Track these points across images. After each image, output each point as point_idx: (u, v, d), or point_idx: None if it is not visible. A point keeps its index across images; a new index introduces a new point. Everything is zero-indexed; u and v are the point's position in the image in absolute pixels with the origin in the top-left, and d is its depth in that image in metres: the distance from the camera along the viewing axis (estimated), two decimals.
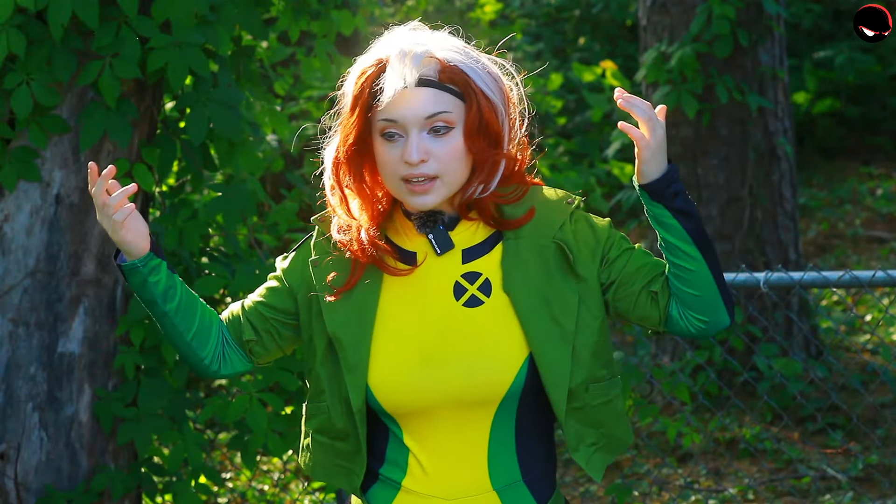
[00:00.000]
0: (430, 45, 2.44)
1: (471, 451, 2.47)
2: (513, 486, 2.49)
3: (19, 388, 4.12)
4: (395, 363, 2.45)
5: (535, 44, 10.47)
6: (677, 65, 6.56)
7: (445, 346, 2.44)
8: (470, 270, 2.47)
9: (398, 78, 2.40)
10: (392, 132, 2.42)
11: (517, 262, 2.47)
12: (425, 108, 2.41)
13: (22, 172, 4.06)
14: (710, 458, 6.04)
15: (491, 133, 2.45)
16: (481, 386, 2.43)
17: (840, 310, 7.65)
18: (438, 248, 2.47)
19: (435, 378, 2.43)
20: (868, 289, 4.45)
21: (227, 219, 4.19)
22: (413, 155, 2.40)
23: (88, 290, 4.14)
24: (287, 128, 5.47)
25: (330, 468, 2.55)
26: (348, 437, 2.50)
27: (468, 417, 2.46)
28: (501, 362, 2.43)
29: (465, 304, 2.46)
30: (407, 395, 2.45)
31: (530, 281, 2.46)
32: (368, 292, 2.48)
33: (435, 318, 2.45)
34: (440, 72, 2.42)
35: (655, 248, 2.58)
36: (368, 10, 8.57)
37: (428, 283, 2.47)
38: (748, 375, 5.48)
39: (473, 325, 2.44)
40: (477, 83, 2.44)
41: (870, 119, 10.21)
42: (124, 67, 3.91)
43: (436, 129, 2.42)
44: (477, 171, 2.46)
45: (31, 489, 4.12)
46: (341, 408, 2.49)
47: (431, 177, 2.41)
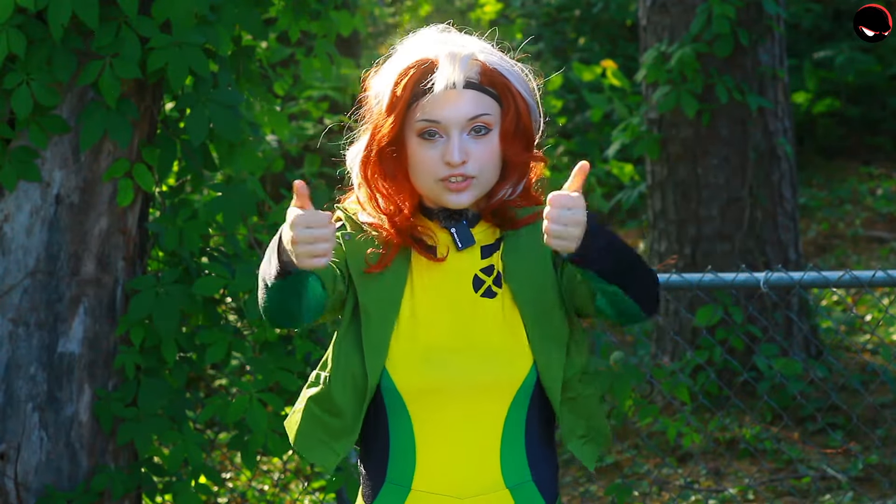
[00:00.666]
0: (472, 47, 2.48)
1: (484, 444, 2.48)
2: (524, 486, 2.50)
3: (19, 388, 4.12)
4: (416, 346, 2.47)
5: (535, 44, 10.47)
6: (677, 65, 6.56)
7: (466, 333, 2.47)
8: (487, 265, 2.51)
9: (448, 79, 2.43)
10: (433, 132, 2.45)
11: (517, 255, 2.51)
12: (469, 110, 2.44)
13: (22, 172, 4.06)
14: (710, 458, 6.04)
15: (526, 135, 2.50)
16: (499, 372, 2.46)
17: (840, 310, 7.65)
18: (460, 243, 2.50)
19: (455, 362, 2.46)
20: (868, 289, 4.45)
21: (227, 219, 4.19)
22: (456, 156, 2.43)
23: (88, 290, 4.14)
24: (287, 128, 5.48)
25: (312, 441, 2.52)
26: (343, 414, 2.49)
27: (482, 409, 2.47)
28: (518, 353, 2.47)
29: (483, 294, 2.50)
30: (425, 376, 2.46)
31: (529, 272, 2.50)
32: (397, 276, 2.50)
33: (457, 308, 2.49)
34: (481, 74, 2.47)
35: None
36: (368, 10, 8.57)
37: (450, 276, 2.51)
38: (748, 375, 5.48)
39: (492, 315, 2.49)
40: (514, 85, 2.49)
41: (870, 119, 10.21)
42: (124, 67, 3.91)
43: (476, 130, 2.45)
44: (510, 173, 2.50)
45: (31, 489, 4.12)
46: (346, 384, 2.48)
47: (469, 176, 2.45)
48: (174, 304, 4.06)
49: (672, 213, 6.82)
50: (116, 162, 4.11)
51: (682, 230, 6.80)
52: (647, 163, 6.98)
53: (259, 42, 4.90)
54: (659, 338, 6.88)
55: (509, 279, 2.50)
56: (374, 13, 10.19)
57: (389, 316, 2.47)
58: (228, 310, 4.59)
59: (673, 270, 4.51)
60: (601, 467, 6.11)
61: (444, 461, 2.47)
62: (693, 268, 6.60)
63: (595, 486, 5.88)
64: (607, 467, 6.13)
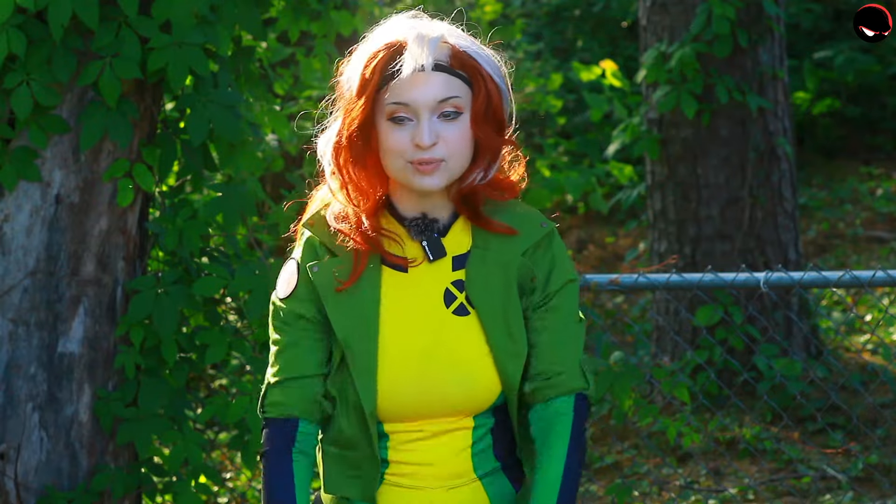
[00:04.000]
0: (441, 30, 2.47)
1: (453, 453, 2.52)
2: (493, 473, 2.55)
3: (19, 388, 4.12)
4: (398, 370, 2.46)
5: (535, 44, 10.47)
6: (677, 65, 6.56)
7: (440, 355, 2.47)
8: (458, 279, 2.50)
9: (416, 61, 2.41)
10: (402, 116, 2.42)
11: (482, 274, 2.49)
12: (438, 93, 2.42)
13: (22, 172, 4.06)
14: (710, 458, 6.04)
15: (497, 118, 2.48)
16: (472, 396, 2.48)
17: (840, 310, 7.64)
18: (431, 255, 2.49)
19: (431, 388, 2.47)
20: (868, 289, 4.45)
21: (227, 219, 4.19)
22: (425, 138, 2.40)
23: (88, 290, 4.14)
24: (287, 128, 5.48)
25: (342, 479, 2.55)
26: (358, 444, 2.50)
27: (452, 424, 2.50)
28: (489, 376, 2.48)
29: (455, 312, 2.48)
30: (406, 402, 2.47)
31: (492, 293, 2.49)
32: (369, 295, 2.48)
33: (429, 326, 2.48)
34: (451, 57, 2.44)
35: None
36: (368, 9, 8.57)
37: (421, 289, 2.49)
38: (748, 375, 5.48)
39: (463, 335, 2.48)
40: (485, 68, 2.46)
41: (870, 119, 10.21)
42: (124, 67, 3.91)
43: (445, 114, 2.43)
44: (480, 157, 2.48)
45: (31, 489, 4.12)
46: (351, 415, 2.49)
47: (439, 160, 2.43)
48: (174, 304, 4.06)
49: (672, 213, 6.83)
50: (116, 162, 4.11)
51: (682, 230, 6.80)
52: (647, 163, 6.98)
53: (259, 42, 4.90)
54: (659, 338, 6.88)
55: (471, 297, 2.48)
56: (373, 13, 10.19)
57: (371, 341, 2.46)
58: (228, 310, 4.59)
59: (673, 270, 4.51)
60: (601, 467, 6.11)
61: (415, 462, 2.52)
62: (693, 268, 6.60)
63: (595, 486, 5.88)
64: (607, 467, 6.13)
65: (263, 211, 5.85)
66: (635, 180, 8.86)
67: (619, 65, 9.66)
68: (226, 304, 4.55)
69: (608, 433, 6.43)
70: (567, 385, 2.50)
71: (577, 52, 10.42)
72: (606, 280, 4.43)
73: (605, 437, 6.43)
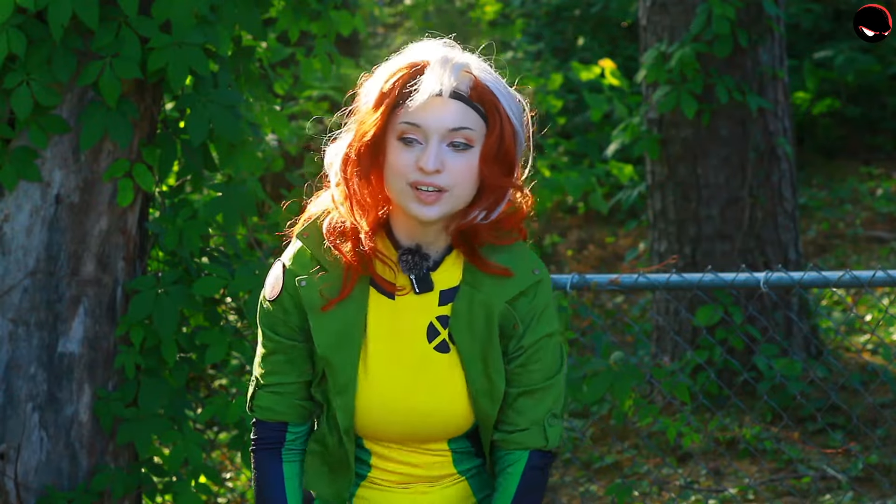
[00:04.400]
0: (468, 60, 2.45)
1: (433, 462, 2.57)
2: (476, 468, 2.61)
3: (19, 388, 4.12)
4: (375, 396, 2.50)
5: (535, 44, 10.47)
6: (677, 65, 6.56)
7: (418, 388, 2.49)
8: (443, 314, 2.50)
9: (435, 83, 2.39)
10: (411, 137, 2.41)
11: (467, 312, 2.49)
12: (452, 121, 2.40)
13: (22, 172, 4.06)
14: (710, 458, 6.04)
15: (507, 160, 2.46)
16: (445, 430, 2.53)
17: (840, 310, 7.64)
18: (418, 289, 2.49)
19: (408, 418, 2.50)
20: (868, 289, 4.45)
21: (227, 219, 4.19)
22: (430, 163, 2.39)
23: (88, 290, 4.14)
24: (287, 128, 5.47)
25: (319, 478, 2.60)
26: (336, 451, 2.56)
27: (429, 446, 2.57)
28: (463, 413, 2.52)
29: (436, 348, 2.50)
30: (382, 427, 2.52)
31: (474, 333, 2.49)
32: (356, 314, 2.49)
33: (410, 358, 2.49)
34: (472, 88, 2.43)
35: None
36: (368, 10, 8.57)
37: (407, 318, 2.50)
38: (748, 375, 5.48)
39: (442, 372, 2.50)
40: (504, 107, 2.45)
41: (870, 119, 10.21)
42: (124, 67, 3.91)
43: (455, 144, 2.41)
44: (484, 196, 2.46)
45: (31, 489, 4.12)
46: (332, 424, 2.54)
47: (441, 188, 2.41)
48: (174, 304, 4.06)
49: (672, 213, 6.82)
50: (116, 162, 4.11)
51: (682, 230, 6.80)
52: (647, 163, 6.98)
53: (259, 42, 4.90)
54: (659, 338, 6.88)
55: (455, 336, 2.49)
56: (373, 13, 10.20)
57: (353, 360, 2.49)
58: (228, 310, 4.59)
59: (673, 270, 4.51)
60: (601, 467, 6.11)
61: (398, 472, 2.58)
62: (693, 268, 6.60)
63: (595, 486, 5.88)
64: (607, 467, 6.13)
65: (263, 211, 5.85)
66: (636, 180, 8.86)
67: (619, 65, 9.66)
68: (226, 304, 4.55)
69: (608, 433, 6.43)
70: (524, 443, 2.54)
71: (577, 52, 10.42)
72: (606, 280, 4.43)
73: (605, 437, 6.43)
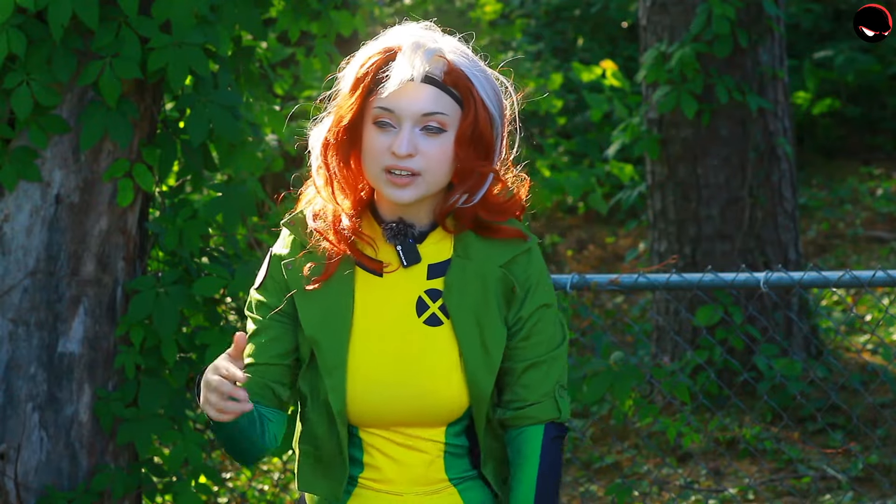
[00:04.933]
0: (442, 44, 2.46)
1: (427, 459, 2.52)
2: (469, 479, 2.55)
3: (19, 388, 4.12)
4: (366, 373, 2.47)
5: (535, 44, 10.47)
6: (677, 65, 6.56)
7: (409, 364, 2.47)
8: (433, 288, 2.49)
9: (406, 68, 2.40)
10: (385, 121, 2.42)
11: (460, 283, 2.48)
12: (424, 105, 2.41)
13: (22, 172, 4.06)
14: (710, 458, 6.04)
15: (482, 144, 2.46)
16: (441, 409, 2.48)
17: (840, 310, 7.65)
18: (405, 261, 2.48)
19: (400, 395, 2.47)
20: (868, 289, 4.45)
21: (227, 219, 4.19)
22: (402, 147, 2.40)
23: (88, 290, 4.14)
24: (287, 128, 5.47)
25: (313, 478, 2.55)
26: (327, 443, 2.51)
27: (424, 432, 2.50)
28: (458, 388, 2.48)
29: (426, 321, 2.48)
30: (375, 407, 2.47)
31: (468, 303, 2.48)
32: (343, 294, 2.48)
33: (399, 334, 2.47)
34: (446, 73, 2.43)
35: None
36: (368, 9, 8.57)
37: (395, 294, 2.48)
38: (748, 375, 5.48)
39: (433, 346, 2.47)
40: (479, 91, 2.45)
41: (870, 119, 10.21)
42: (124, 67, 3.91)
43: (428, 128, 2.42)
44: (462, 180, 2.46)
45: (31, 489, 4.12)
46: (321, 413, 2.50)
47: (414, 172, 2.42)
48: (174, 304, 4.06)
49: (672, 213, 6.83)
50: (116, 162, 4.11)
51: (682, 230, 6.80)
52: (647, 163, 6.98)
53: (259, 42, 4.90)
54: (659, 338, 6.88)
55: (450, 308, 2.47)
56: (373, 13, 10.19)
57: (342, 340, 2.46)
58: (228, 310, 4.59)
59: (673, 270, 4.51)
60: (601, 467, 6.11)
61: (388, 468, 2.52)
62: (693, 268, 6.60)
63: (595, 486, 5.88)
64: (607, 467, 6.13)
65: (263, 211, 5.85)
66: (636, 180, 8.87)
67: (619, 65, 9.65)
68: (226, 304, 4.54)
69: (608, 433, 6.43)
70: (539, 416, 2.51)
71: (577, 52, 10.42)
72: (606, 280, 4.43)
73: (605, 437, 6.43)
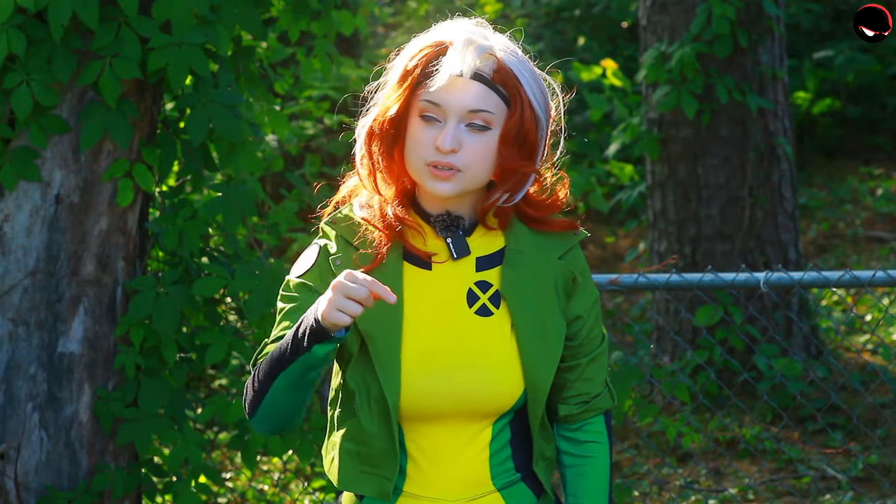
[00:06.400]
0: (493, 41, 2.48)
1: (472, 458, 2.49)
2: (513, 485, 2.52)
3: (19, 388, 4.12)
4: (420, 366, 2.45)
5: (535, 44, 10.47)
6: (677, 65, 6.56)
7: (462, 354, 2.46)
8: (482, 279, 2.49)
9: (457, 63, 2.42)
10: (431, 115, 2.43)
11: (517, 276, 2.49)
12: (471, 102, 2.42)
13: (22, 172, 4.06)
14: (710, 458, 6.04)
15: (527, 144, 2.47)
16: (495, 398, 2.46)
17: (840, 310, 7.65)
18: (455, 253, 2.48)
19: (453, 386, 2.45)
20: (868, 289, 4.45)
21: (227, 219, 4.19)
22: (447, 142, 2.41)
23: (88, 290, 4.14)
24: (287, 128, 5.47)
25: (356, 476, 2.49)
26: (377, 439, 2.46)
27: (471, 427, 2.48)
28: (512, 378, 2.46)
29: (478, 312, 2.47)
30: (428, 399, 2.45)
31: (526, 296, 2.48)
32: (392, 287, 2.45)
33: (451, 325, 2.46)
34: (495, 71, 2.44)
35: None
36: (368, 9, 8.56)
37: (444, 286, 2.48)
38: (748, 375, 5.48)
39: (486, 336, 2.47)
40: (526, 92, 2.46)
41: (870, 119, 10.21)
42: (124, 67, 3.91)
43: (473, 125, 2.43)
44: (503, 179, 2.48)
45: (31, 489, 4.12)
46: (372, 408, 2.46)
47: (456, 168, 2.42)
48: (174, 304, 4.06)
49: (672, 213, 6.83)
50: (116, 162, 4.11)
51: (682, 230, 6.80)
52: (647, 163, 6.98)
53: (259, 42, 4.90)
54: (659, 338, 6.88)
55: (505, 296, 2.47)
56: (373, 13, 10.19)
57: (395, 333, 2.45)
58: (228, 310, 4.59)
59: (673, 270, 4.51)
60: None
61: (434, 473, 2.49)
62: (693, 268, 6.60)
63: None
64: None
65: (263, 211, 5.85)
66: (636, 180, 8.87)
67: (619, 65, 9.65)
68: (226, 304, 4.55)
69: None
70: (601, 406, 2.57)
71: (578, 52, 10.42)
72: (606, 280, 4.43)
73: None
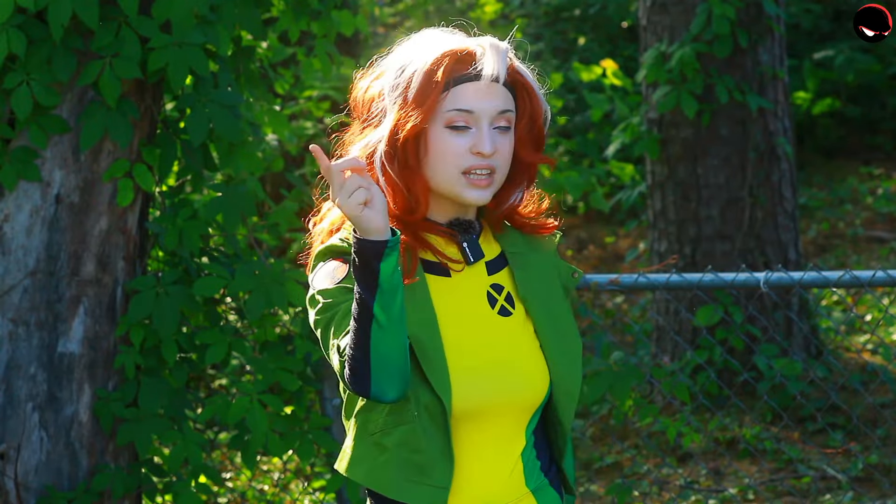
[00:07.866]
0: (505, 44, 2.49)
1: (507, 458, 2.50)
2: (542, 487, 2.55)
3: (19, 388, 4.12)
4: (465, 367, 2.45)
5: (535, 44, 10.47)
6: (677, 65, 6.56)
7: (498, 352, 2.48)
8: (495, 282, 2.52)
9: (494, 69, 2.43)
10: (461, 124, 2.43)
11: (527, 275, 2.54)
12: (499, 104, 2.45)
13: (22, 172, 4.06)
14: (710, 458, 6.04)
15: (539, 137, 2.52)
16: (533, 393, 2.49)
17: (840, 310, 7.65)
18: (472, 257, 2.50)
19: (496, 383, 2.46)
20: (868, 289, 4.45)
21: (227, 219, 4.19)
22: (487, 146, 2.42)
23: (88, 290, 4.14)
24: (287, 128, 5.47)
25: (407, 484, 2.43)
26: (429, 445, 2.42)
27: (508, 425, 2.50)
28: (540, 371, 2.50)
29: (499, 312, 2.50)
30: (475, 399, 2.44)
31: (541, 295, 2.53)
32: (423, 297, 2.46)
33: (481, 326, 2.49)
34: (508, 73, 2.47)
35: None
36: (368, 9, 8.56)
37: (466, 291, 2.50)
38: (748, 375, 5.48)
39: (511, 334, 2.50)
40: (533, 87, 2.50)
41: (870, 119, 10.21)
42: (124, 67, 3.91)
43: (500, 127, 2.45)
44: (520, 175, 2.52)
45: (31, 489, 4.12)
46: (422, 415, 2.42)
47: (493, 170, 2.45)
48: (174, 304, 4.06)
49: (672, 213, 6.83)
50: (116, 162, 4.11)
51: (682, 230, 6.80)
52: (647, 163, 6.98)
53: (259, 42, 4.90)
54: (659, 338, 6.88)
55: (524, 297, 2.51)
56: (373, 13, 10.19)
57: (437, 337, 2.44)
58: (228, 310, 4.58)
59: (673, 270, 4.51)
60: (601, 467, 6.11)
61: (476, 474, 2.49)
62: (693, 268, 6.60)
63: (595, 486, 5.89)
64: (607, 467, 6.13)
65: (263, 211, 5.85)
66: (636, 179, 8.87)
67: (619, 64, 9.65)
68: (226, 304, 4.55)
69: (608, 433, 6.43)
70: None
71: (578, 52, 10.42)
72: (606, 280, 4.43)
73: (605, 437, 6.43)
